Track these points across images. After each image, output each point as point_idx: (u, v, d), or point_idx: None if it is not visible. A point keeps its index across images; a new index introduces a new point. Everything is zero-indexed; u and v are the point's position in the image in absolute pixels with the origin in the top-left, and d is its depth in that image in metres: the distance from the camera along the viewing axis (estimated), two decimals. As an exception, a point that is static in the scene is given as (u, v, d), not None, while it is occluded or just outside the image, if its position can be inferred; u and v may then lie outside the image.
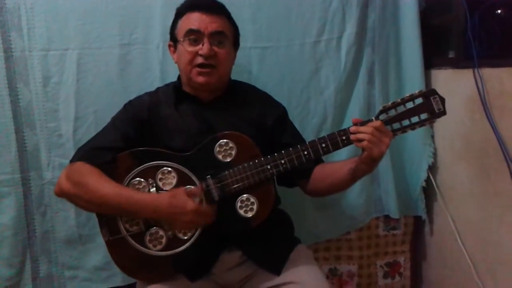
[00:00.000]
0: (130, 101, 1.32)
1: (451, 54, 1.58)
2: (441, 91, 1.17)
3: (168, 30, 1.34)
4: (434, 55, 1.65)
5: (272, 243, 1.28)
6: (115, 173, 1.17)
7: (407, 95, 1.15)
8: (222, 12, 1.27)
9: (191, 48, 1.23)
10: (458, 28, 1.52)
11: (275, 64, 1.60)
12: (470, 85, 1.42)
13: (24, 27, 1.43)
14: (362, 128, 1.11)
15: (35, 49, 1.45)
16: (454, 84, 1.54)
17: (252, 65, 1.60)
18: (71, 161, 1.21)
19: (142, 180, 1.18)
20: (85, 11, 1.47)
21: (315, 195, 1.38)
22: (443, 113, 1.16)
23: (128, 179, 1.18)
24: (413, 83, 1.64)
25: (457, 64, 1.54)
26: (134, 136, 1.23)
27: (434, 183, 1.68)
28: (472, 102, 1.45)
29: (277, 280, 1.22)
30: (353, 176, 1.20)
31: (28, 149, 1.48)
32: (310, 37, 1.61)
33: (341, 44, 1.63)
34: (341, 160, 1.35)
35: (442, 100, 1.16)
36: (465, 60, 1.49)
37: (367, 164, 1.14)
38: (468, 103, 1.47)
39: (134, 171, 1.18)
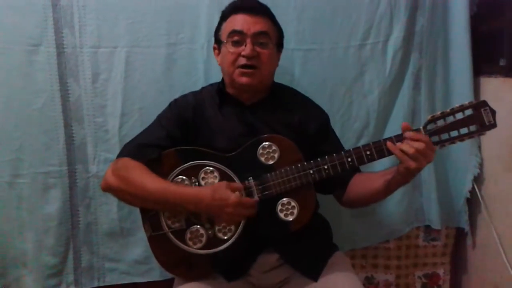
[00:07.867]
0: (176, 100, 1.34)
1: (502, 62, 1.52)
2: (490, 100, 1.12)
3: (213, 30, 1.35)
4: (484, 62, 1.60)
5: (310, 248, 1.27)
6: (160, 169, 1.19)
7: (457, 105, 1.11)
8: (266, 13, 1.28)
9: (233, 49, 1.24)
10: (510, 34, 1.47)
11: (318, 67, 1.59)
12: (522, 95, 1.38)
13: (76, 24, 1.48)
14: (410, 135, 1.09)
15: (86, 46, 1.49)
16: (504, 93, 1.48)
17: (294, 67, 1.59)
18: (118, 156, 1.24)
19: (185, 178, 1.19)
20: (135, 10, 1.50)
21: (349, 206, 1.35)
22: (494, 125, 1.12)
23: (172, 176, 1.20)
24: (461, 91, 1.59)
25: (508, 72, 1.48)
26: (178, 135, 1.26)
27: (479, 194, 1.62)
28: (523, 113, 1.39)
29: (314, 286, 1.21)
30: (388, 188, 1.18)
31: (76, 143, 1.52)
32: (355, 40, 1.58)
33: (387, 48, 1.60)
34: (376, 170, 1.32)
35: (493, 112, 1.12)
36: (517, 68, 1.44)
37: (403, 176, 1.12)
38: (519, 113, 1.42)
39: (178, 168, 1.20)
